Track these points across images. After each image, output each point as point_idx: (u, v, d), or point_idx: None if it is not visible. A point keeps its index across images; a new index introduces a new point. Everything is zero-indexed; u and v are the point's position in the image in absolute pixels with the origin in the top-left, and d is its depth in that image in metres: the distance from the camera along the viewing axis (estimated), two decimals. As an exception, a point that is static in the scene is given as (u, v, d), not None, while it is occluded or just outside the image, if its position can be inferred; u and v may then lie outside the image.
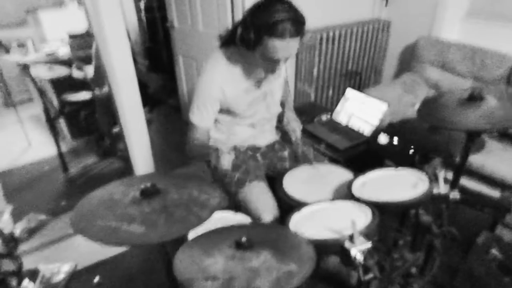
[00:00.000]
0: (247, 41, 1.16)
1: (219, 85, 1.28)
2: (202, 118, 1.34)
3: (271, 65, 1.23)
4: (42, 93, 2.74)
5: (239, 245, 0.79)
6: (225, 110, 1.39)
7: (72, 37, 3.18)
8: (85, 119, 2.98)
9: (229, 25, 2.42)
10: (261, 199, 1.32)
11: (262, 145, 1.57)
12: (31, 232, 2.08)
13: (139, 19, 4.65)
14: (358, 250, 0.84)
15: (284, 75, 1.56)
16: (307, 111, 2.27)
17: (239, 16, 2.39)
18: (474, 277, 1.44)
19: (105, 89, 2.83)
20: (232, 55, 1.31)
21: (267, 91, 1.43)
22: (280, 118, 1.64)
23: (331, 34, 2.64)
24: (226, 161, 1.41)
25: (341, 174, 1.36)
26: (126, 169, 2.54)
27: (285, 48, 1.12)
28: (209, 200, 0.87)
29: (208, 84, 1.29)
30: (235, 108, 1.37)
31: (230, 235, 0.85)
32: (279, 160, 1.57)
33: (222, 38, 1.36)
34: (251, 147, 1.53)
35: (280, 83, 1.49)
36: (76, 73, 2.85)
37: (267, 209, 1.29)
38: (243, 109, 1.39)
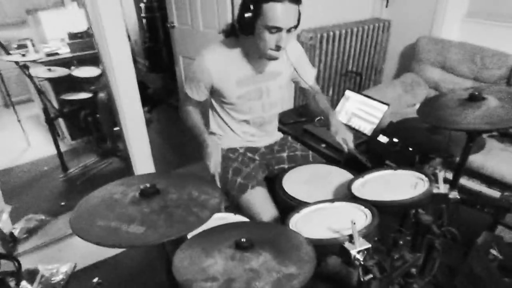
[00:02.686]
0: (246, 20, 1.18)
1: (208, 71, 1.33)
2: (193, 92, 1.42)
3: (272, 46, 1.21)
4: (41, 93, 2.73)
5: (239, 246, 0.79)
6: (218, 94, 1.41)
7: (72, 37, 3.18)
8: (85, 119, 2.98)
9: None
10: (262, 205, 1.33)
11: (261, 145, 1.57)
12: (30, 232, 2.07)
13: (139, 19, 4.65)
14: (358, 250, 0.84)
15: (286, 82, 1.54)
16: (307, 111, 2.27)
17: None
18: (474, 277, 1.43)
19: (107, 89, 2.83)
20: (231, 46, 1.33)
21: (262, 89, 1.41)
22: (324, 122, 1.56)
23: (331, 34, 2.64)
24: (213, 164, 1.31)
25: (341, 174, 1.36)
26: (126, 169, 2.54)
27: (284, 13, 1.13)
28: (209, 200, 0.87)
29: (198, 68, 1.34)
30: (225, 95, 1.39)
31: (230, 235, 0.85)
32: (277, 162, 1.56)
33: (224, 31, 1.38)
34: (250, 149, 1.53)
35: (280, 84, 1.46)
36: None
37: (268, 216, 1.30)
38: (233, 101, 1.40)
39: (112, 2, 1.83)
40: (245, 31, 1.22)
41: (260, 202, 1.34)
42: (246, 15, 1.17)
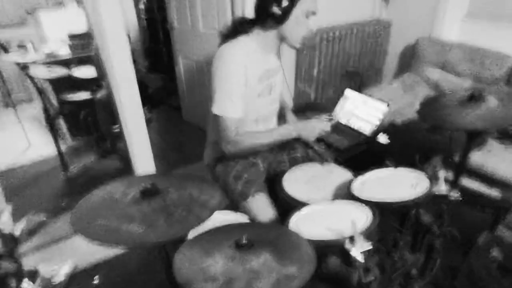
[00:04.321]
0: (285, 9, 1.19)
1: (245, 65, 1.24)
2: (236, 108, 1.25)
3: (306, 32, 1.27)
4: (41, 93, 2.73)
5: (239, 246, 0.79)
6: None
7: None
8: (85, 118, 2.98)
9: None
10: (263, 212, 1.32)
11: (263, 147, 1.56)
12: (31, 232, 2.07)
13: (139, 19, 4.65)
14: (358, 250, 0.84)
15: (283, 77, 1.56)
16: (307, 111, 2.27)
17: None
18: (475, 277, 1.44)
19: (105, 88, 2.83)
20: (245, 43, 1.29)
21: (272, 84, 1.41)
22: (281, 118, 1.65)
23: (331, 34, 2.64)
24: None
25: (341, 174, 1.36)
26: (126, 169, 2.54)
27: None
28: (209, 200, 0.87)
29: (234, 66, 1.22)
30: (249, 94, 1.32)
31: (230, 235, 0.85)
32: (278, 164, 1.56)
33: (227, 33, 1.34)
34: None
35: (280, 79, 1.48)
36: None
37: (270, 221, 1.30)
38: (253, 99, 1.35)
39: (112, 2, 1.83)
40: (281, 20, 1.22)
41: (260, 209, 1.33)
42: (284, 4, 1.18)
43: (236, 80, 1.23)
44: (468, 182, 1.99)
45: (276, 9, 1.19)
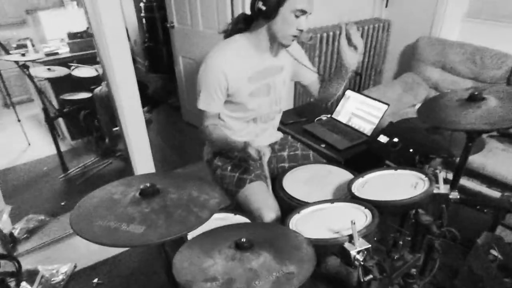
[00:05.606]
0: (272, 5, 1.18)
1: (224, 73, 1.28)
2: (210, 104, 1.34)
3: (295, 31, 1.25)
4: (41, 93, 2.73)
5: (238, 246, 0.79)
6: (229, 101, 1.38)
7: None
8: (85, 119, 2.98)
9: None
10: (262, 198, 1.30)
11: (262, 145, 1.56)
12: (30, 232, 2.07)
13: (139, 19, 4.65)
14: (358, 250, 0.84)
15: (311, 75, 1.55)
16: (307, 111, 2.27)
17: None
18: (474, 277, 1.43)
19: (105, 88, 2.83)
20: (237, 43, 1.32)
21: (270, 84, 1.41)
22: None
23: (331, 34, 2.64)
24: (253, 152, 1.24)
25: (341, 174, 1.36)
26: (126, 169, 2.54)
27: None
28: (209, 200, 0.86)
29: (212, 73, 1.29)
30: (237, 97, 1.35)
31: (230, 236, 0.85)
32: (278, 161, 1.56)
33: (224, 31, 1.38)
34: None
35: (284, 79, 1.48)
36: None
37: (269, 208, 1.27)
38: (244, 100, 1.37)
39: (112, 2, 1.83)
40: (268, 17, 1.22)
41: (259, 195, 1.31)
42: (269, 0, 1.18)
43: (212, 80, 1.29)
44: (468, 183, 1.99)
45: (261, 6, 1.20)
